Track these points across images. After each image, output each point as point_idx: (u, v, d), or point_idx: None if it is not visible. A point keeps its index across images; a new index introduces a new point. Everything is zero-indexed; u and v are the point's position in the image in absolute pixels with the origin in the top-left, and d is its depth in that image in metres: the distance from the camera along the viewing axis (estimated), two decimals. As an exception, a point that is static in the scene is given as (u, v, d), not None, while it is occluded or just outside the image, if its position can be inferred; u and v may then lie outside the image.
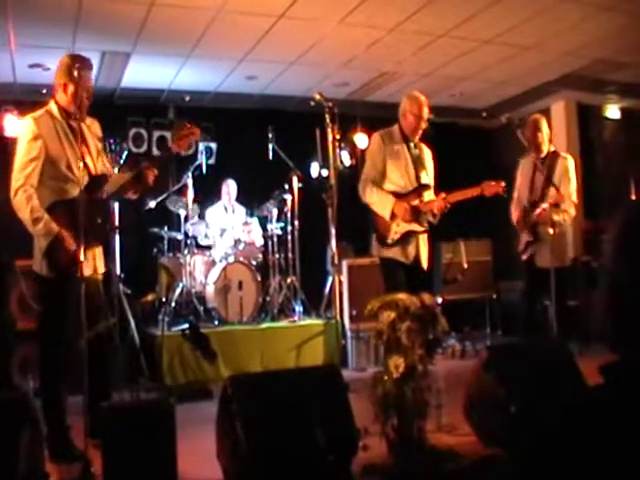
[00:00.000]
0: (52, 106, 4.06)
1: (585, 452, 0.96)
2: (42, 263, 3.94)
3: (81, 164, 3.89)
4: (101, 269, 4.29)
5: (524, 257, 5.92)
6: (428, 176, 5.28)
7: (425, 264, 5.22)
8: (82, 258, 3.65)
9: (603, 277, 1.10)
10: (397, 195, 5.09)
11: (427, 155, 5.38)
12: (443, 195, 5.04)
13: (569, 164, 5.88)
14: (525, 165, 6.04)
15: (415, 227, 5.11)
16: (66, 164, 3.96)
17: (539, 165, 5.76)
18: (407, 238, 5.09)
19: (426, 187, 5.20)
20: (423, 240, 5.20)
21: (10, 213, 3.95)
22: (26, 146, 3.92)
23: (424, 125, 5.21)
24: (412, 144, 5.24)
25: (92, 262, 4.14)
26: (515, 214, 6.03)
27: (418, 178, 5.18)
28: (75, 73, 3.90)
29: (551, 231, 5.43)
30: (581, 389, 1.82)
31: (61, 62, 4.07)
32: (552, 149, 5.95)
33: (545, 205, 5.66)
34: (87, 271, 3.93)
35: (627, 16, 6.37)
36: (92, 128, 4.25)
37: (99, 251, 4.27)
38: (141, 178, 4.23)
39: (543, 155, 5.84)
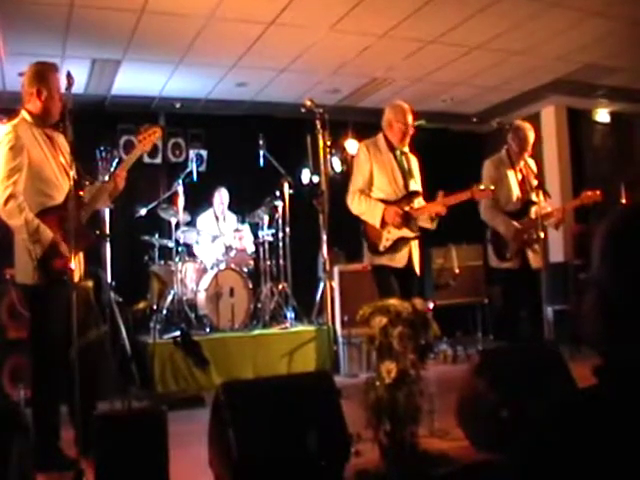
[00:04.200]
0: (25, 115, 4.02)
1: (581, 453, 0.96)
2: (34, 272, 3.86)
3: (60, 169, 3.94)
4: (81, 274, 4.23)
5: (515, 263, 5.57)
6: (416, 183, 5.25)
7: (418, 269, 5.21)
8: (73, 265, 3.65)
9: (591, 282, 1.11)
10: (386, 203, 5.05)
11: (414, 163, 5.33)
12: (441, 194, 4.97)
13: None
14: (499, 167, 5.66)
15: (406, 233, 5.08)
16: (50, 170, 3.95)
17: (523, 168, 5.67)
18: (399, 245, 5.08)
19: (416, 194, 5.17)
20: (415, 246, 5.19)
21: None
22: (8, 153, 3.85)
23: (411, 132, 5.18)
24: (398, 152, 5.21)
25: (79, 268, 4.11)
26: (502, 218, 5.63)
27: (407, 186, 5.15)
28: (45, 77, 3.94)
29: (542, 234, 5.43)
30: (573, 392, 1.82)
31: (29, 70, 4.04)
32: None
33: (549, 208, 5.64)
34: (76, 277, 3.95)
35: (615, 21, 6.42)
36: (59, 140, 4.16)
37: (81, 257, 4.22)
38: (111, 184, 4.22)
39: (525, 159, 5.69)
